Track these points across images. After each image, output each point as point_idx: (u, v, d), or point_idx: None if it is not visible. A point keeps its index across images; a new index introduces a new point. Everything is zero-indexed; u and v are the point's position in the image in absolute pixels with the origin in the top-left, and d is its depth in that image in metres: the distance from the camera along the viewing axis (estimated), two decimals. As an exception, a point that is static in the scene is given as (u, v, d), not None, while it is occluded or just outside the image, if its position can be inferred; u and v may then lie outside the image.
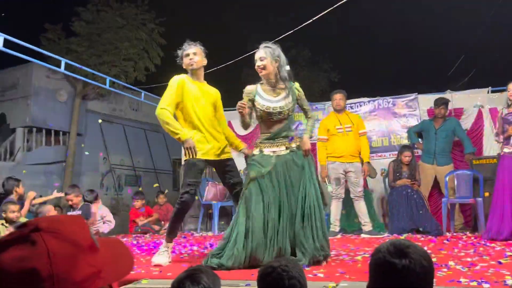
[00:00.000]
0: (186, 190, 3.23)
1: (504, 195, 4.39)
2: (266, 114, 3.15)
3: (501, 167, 4.52)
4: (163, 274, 2.74)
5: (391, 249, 1.15)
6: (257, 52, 3.22)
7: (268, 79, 3.21)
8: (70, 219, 0.77)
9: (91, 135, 11.65)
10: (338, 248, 3.92)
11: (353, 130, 5.26)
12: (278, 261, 1.54)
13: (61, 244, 0.70)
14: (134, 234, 6.21)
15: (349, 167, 5.19)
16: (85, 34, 9.99)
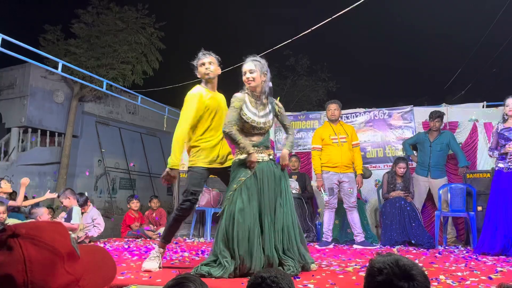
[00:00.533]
0: (188, 198, 3.22)
1: (498, 210, 4.39)
2: (249, 127, 3.18)
3: (496, 182, 4.53)
4: (153, 280, 2.72)
5: (396, 271, 1.12)
6: (246, 64, 3.23)
7: (254, 91, 3.23)
8: (50, 226, 0.77)
9: (87, 137, 11.62)
10: (329, 259, 3.91)
11: (347, 141, 5.28)
12: (268, 272, 1.53)
13: (39, 251, 0.69)
14: (126, 238, 6.18)
15: (343, 177, 5.19)
16: (84, 36, 10.01)
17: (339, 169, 5.19)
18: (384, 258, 1.19)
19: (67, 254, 0.74)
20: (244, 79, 3.22)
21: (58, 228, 0.77)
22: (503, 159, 4.47)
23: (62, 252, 0.73)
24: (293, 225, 3.12)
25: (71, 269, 0.73)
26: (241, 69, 3.26)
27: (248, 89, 3.23)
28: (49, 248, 0.71)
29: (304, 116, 7.21)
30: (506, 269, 3.33)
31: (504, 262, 3.79)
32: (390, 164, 6.09)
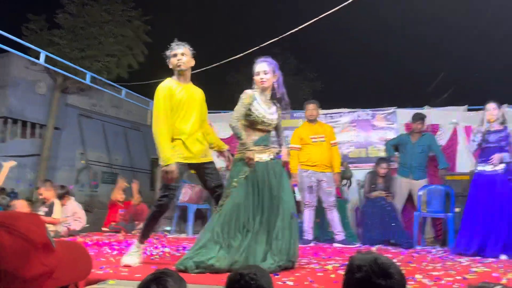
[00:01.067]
0: (165, 194, 3.21)
1: (476, 212, 4.48)
2: (260, 122, 3.26)
3: (475, 184, 4.60)
4: (131, 275, 2.71)
5: (375, 269, 1.15)
6: (259, 64, 3.34)
7: (265, 91, 3.33)
8: (27, 217, 0.76)
9: (69, 129, 11.45)
10: (309, 257, 3.94)
11: (326, 140, 5.33)
12: (248, 269, 1.54)
13: (14, 239, 0.69)
14: (106, 232, 6.12)
15: (321, 177, 5.24)
16: (68, 27, 9.85)
17: (318, 168, 5.24)
18: (364, 256, 1.22)
19: (42, 245, 0.74)
20: (258, 79, 3.32)
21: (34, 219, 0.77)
22: (482, 162, 4.56)
23: (37, 243, 0.72)
24: (291, 224, 3.15)
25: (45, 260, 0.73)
26: (254, 68, 3.35)
27: (259, 88, 3.32)
28: (24, 238, 0.71)
29: (289, 114, 7.23)
30: (480, 269, 3.41)
31: (479, 262, 3.88)
32: (373, 164, 6.16)
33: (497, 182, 4.42)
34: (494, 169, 4.46)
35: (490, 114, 4.54)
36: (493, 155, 4.44)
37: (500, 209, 4.35)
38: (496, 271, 3.33)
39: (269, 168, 3.22)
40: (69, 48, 9.66)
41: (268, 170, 3.20)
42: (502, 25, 8.73)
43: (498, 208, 4.36)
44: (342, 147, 6.64)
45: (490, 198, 4.41)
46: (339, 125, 6.79)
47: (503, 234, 4.28)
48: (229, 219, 3.03)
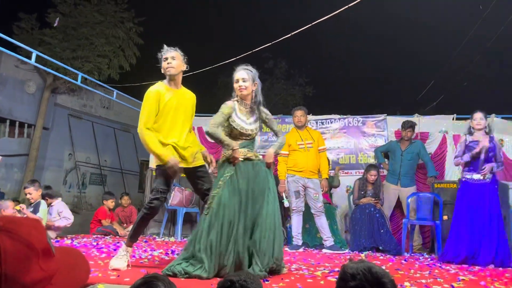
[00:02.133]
0: (156, 197, 3.20)
1: (465, 220, 4.53)
2: (237, 133, 3.25)
3: (461, 192, 4.67)
4: (121, 279, 2.68)
5: (368, 278, 1.16)
6: (238, 72, 3.30)
7: (244, 100, 3.31)
8: (28, 222, 0.77)
9: (58, 130, 11.32)
10: (299, 262, 3.95)
11: (314, 146, 5.36)
12: (238, 275, 1.55)
13: (15, 244, 0.69)
14: (95, 234, 6.06)
15: (308, 183, 5.27)
16: (60, 27, 9.75)
17: (304, 173, 5.26)
18: (357, 265, 1.22)
19: (42, 250, 0.74)
20: (236, 87, 3.29)
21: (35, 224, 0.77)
22: (470, 171, 4.62)
23: (37, 248, 0.72)
24: (275, 226, 3.13)
25: (45, 265, 0.73)
26: (233, 76, 3.31)
27: (238, 96, 3.30)
28: (25, 243, 0.71)
29: (280, 119, 7.26)
30: (468, 278, 3.45)
31: (467, 271, 3.92)
32: (362, 171, 6.21)
33: (485, 190, 4.50)
34: (481, 178, 4.53)
35: (477, 124, 4.61)
36: (484, 165, 4.50)
37: (489, 217, 4.42)
38: (484, 279, 3.37)
39: (254, 169, 3.20)
40: (60, 48, 9.57)
41: (252, 171, 3.18)
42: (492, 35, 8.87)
43: (487, 216, 4.42)
44: (332, 153, 6.68)
45: (478, 206, 4.47)
46: (329, 131, 6.83)
47: (494, 243, 4.34)
48: (216, 223, 3.01)
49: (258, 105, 3.34)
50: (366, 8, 9.86)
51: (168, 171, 3.15)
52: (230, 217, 3.03)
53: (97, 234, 6.09)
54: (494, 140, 4.66)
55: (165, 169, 3.21)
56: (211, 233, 2.99)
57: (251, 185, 3.14)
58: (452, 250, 4.52)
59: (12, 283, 0.68)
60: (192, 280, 2.79)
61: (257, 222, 3.08)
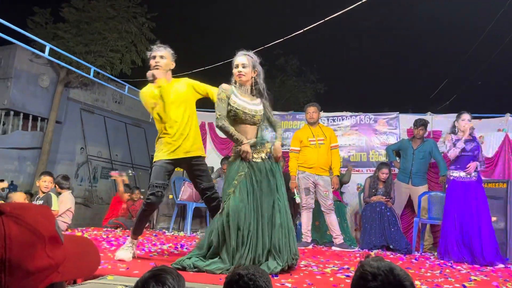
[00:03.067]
0: (152, 192, 3.23)
1: (452, 218, 4.59)
2: (241, 114, 3.12)
3: (449, 191, 4.73)
4: (130, 271, 2.70)
5: (391, 279, 1.11)
6: (238, 57, 3.22)
7: (244, 86, 3.23)
8: (36, 208, 0.76)
9: (70, 123, 11.43)
10: (308, 259, 3.93)
11: (325, 143, 5.31)
12: (247, 269, 1.53)
13: (21, 230, 0.69)
14: (106, 227, 6.11)
15: (318, 180, 5.23)
16: (73, 21, 9.83)
17: (315, 170, 5.23)
18: (378, 264, 1.17)
19: (49, 237, 0.73)
20: (235, 72, 3.20)
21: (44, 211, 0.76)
22: (457, 169, 4.64)
23: (44, 235, 0.72)
24: (288, 223, 3.12)
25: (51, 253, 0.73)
26: (233, 61, 3.24)
27: (236, 82, 3.22)
28: (31, 229, 0.70)
29: (291, 116, 7.23)
30: (479, 278, 3.40)
31: (478, 271, 3.87)
32: (373, 169, 6.16)
33: (471, 188, 4.56)
34: (468, 176, 4.58)
35: (464, 124, 4.65)
36: (469, 164, 4.57)
37: (477, 215, 4.46)
38: (496, 280, 3.32)
39: (265, 167, 3.15)
40: (73, 42, 9.65)
41: (264, 169, 3.14)
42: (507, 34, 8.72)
43: (475, 214, 4.47)
44: (343, 150, 6.64)
45: (465, 204, 4.53)
46: (340, 128, 6.78)
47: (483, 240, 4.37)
48: (232, 224, 2.97)
49: (260, 92, 3.25)
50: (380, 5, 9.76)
51: None
52: (246, 218, 2.98)
53: (108, 226, 6.14)
54: (477, 139, 4.75)
55: (157, 165, 3.28)
56: (227, 234, 2.97)
57: (265, 184, 3.11)
58: (444, 248, 4.60)
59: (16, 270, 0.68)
60: (201, 274, 2.79)
61: (274, 221, 3.06)
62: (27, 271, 0.69)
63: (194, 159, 3.37)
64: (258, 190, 3.08)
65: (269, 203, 3.08)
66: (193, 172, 3.39)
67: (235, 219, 2.97)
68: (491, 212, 4.92)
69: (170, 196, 6.58)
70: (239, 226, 2.96)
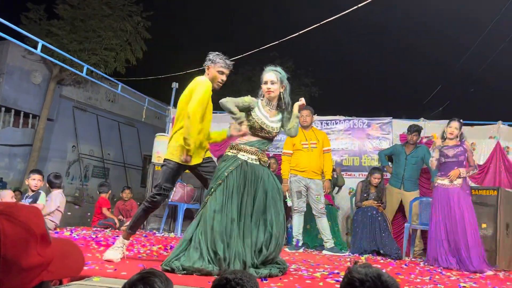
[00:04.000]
0: (159, 193, 3.23)
1: (437, 226, 4.63)
2: (258, 128, 3.22)
3: (435, 197, 4.77)
4: (117, 272, 2.66)
5: (378, 285, 1.11)
6: (267, 74, 3.30)
7: (271, 100, 3.31)
8: (27, 208, 0.78)
9: (62, 121, 11.35)
10: (298, 263, 3.91)
11: (318, 147, 5.31)
12: (234, 273, 1.52)
13: (14, 228, 0.70)
14: (95, 227, 6.05)
15: (310, 183, 5.23)
16: (68, 18, 9.77)
17: (307, 174, 5.23)
18: (366, 270, 1.17)
19: (40, 236, 0.74)
20: (265, 89, 3.29)
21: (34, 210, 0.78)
22: (442, 176, 4.69)
23: (36, 233, 0.73)
24: (278, 226, 3.09)
25: (42, 251, 0.74)
26: (262, 77, 3.33)
27: (264, 96, 3.31)
28: (24, 227, 0.71)
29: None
30: (469, 285, 3.41)
31: (468, 277, 3.88)
32: (366, 173, 6.16)
33: (456, 195, 4.58)
34: (452, 183, 4.61)
35: (451, 133, 4.69)
36: (450, 171, 4.61)
37: (462, 222, 4.49)
38: (485, 287, 3.33)
39: (256, 169, 3.15)
40: (67, 39, 9.59)
41: (255, 172, 3.14)
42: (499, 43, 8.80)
43: (459, 221, 4.50)
44: (336, 154, 6.64)
45: (450, 211, 4.57)
46: (334, 132, 6.79)
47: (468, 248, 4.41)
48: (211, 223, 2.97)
49: (285, 107, 3.35)
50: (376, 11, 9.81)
51: None
52: (233, 214, 2.99)
53: (98, 227, 6.08)
54: (464, 144, 4.76)
55: (171, 167, 3.23)
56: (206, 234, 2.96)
57: (252, 186, 3.10)
58: (432, 254, 4.64)
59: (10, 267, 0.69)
60: (190, 276, 2.76)
61: (262, 223, 3.05)
62: (21, 268, 0.70)
63: (203, 162, 3.38)
64: (241, 191, 3.07)
65: (253, 204, 3.07)
66: (204, 170, 3.37)
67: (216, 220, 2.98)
68: (481, 219, 4.97)
69: (162, 197, 6.54)
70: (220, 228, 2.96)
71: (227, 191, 3.06)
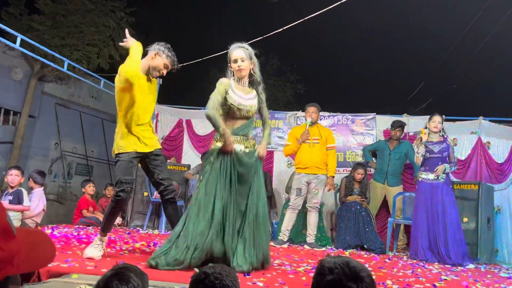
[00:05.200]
0: (122, 188, 3.13)
1: (420, 220, 4.71)
2: (236, 110, 3.15)
3: (418, 192, 4.86)
4: (98, 269, 2.62)
5: (346, 272, 1.15)
6: (235, 51, 3.21)
7: (242, 78, 3.24)
8: None
9: (44, 118, 11.15)
10: (282, 258, 3.92)
11: (320, 142, 5.30)
12: (213, 268, 1.50)
13: None
14: (77, 225, 5.96)
15: (312, 179, 5.23)
16: (49, 13, 9.58)
17: (310, 170, 5.23)
18: (335, 259, 1.22)
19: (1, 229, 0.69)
20: (235, 67, 3.20)
21: None
22: (426, 171, 4.76)
23: None
24: (262, 221, 3.08)
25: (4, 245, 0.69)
26: (229, 55, 3.23)
27: (234, 75, 3.23)
28: None
29: (270, 115, 7.20)
30: (450, 278, 3.45)
31: (449, 271, 3.93)
32: (350, 169, 6.19)
33: (439, 190, 4.68)
34: (436, 178, 4.70)
35: (435, 126, 4.76)
36: (437, 166, 4.69)
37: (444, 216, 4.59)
38: (466, 280, 3.37)
39: (243, 160, 3.11)
40: (49, 35, 9.40)
41: (241, 162, 3.10)
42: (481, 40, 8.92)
43: (441, 216, 4.59)
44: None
45: (433, 205, 4.66)
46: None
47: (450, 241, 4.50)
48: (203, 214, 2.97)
49: (257, 84, 3.28)
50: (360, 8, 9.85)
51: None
52: (218, 208, 2.98)
53: (80, 225, 5.99)
54: (447, 140, 4.85)
55: (125, 159, 3.17)
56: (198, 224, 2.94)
57: (238, 178, 3.08)
58: (414, 248, 4.72)
59: None
60: (170, 272, 2.74)
61: (248, 217, 3.04)
62: None
63: (154, 153, 3.32)
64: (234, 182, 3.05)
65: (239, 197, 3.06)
66: (153, 162, 3.30)
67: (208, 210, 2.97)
68: (463, 213, 5.04)
69: (145, 193, 6.48)
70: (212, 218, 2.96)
71: (209, 185, 3.03)
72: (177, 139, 7.36)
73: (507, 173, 5.93)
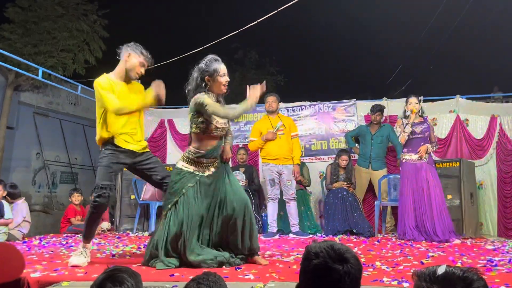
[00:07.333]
0: (99, 193, 3.09)
1: (406, 200, 4.81)
2: (214, 129, 3.03)
3: (402, 173, 4.95)
4: (88, 276, 2.61)
5: (331, 254, 1.18)
6: (222, 65, 3.10)
7: (220, 94, 3.15)
8: None
9: (23, 128, 10.95)
10: (273, 249, 3.95)
11: (285, 132, 5.33)
12: (205, 276, 1.54)
13: None
14: (65, 234, 5.90)
15: (282, 169, 5.26)
16: (20, 21, 9.38)
17: (279, 161, 5.25)
18: (320, 244, 1.25)
19: None
20: (223, 81, 3.07)
21: None
22: (409, 152, 4.86)
23: None
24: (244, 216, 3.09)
25: None
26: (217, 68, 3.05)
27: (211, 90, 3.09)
28: None
29: (251, 108, 7.21)
30: (437, 254, 3.53)
31: (436, 247, 4.02)
32: (334, 156, 6.25)
33: (423, 169, 4.77)
34: (419, 158, 4.80)
35: (413, 107, 4.85)
36: (420, 147, 4.79)
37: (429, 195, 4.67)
38: (452, 255, 3.45)
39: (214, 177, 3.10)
40: (21, 43, 9.21)
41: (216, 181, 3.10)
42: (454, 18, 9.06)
43: (427, 194, 4.69)
44: (304, 139, 6.69)
45: (417, 185, 4.75)
46: (300, 118, 6.83)
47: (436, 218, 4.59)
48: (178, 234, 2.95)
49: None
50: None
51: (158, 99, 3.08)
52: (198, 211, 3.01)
53: (67, 233, 5.93)
54: (427, 121, 4.96)
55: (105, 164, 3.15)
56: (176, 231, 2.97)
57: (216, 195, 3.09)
58: (401, 228, 4.82)
59: None
60: (160, 271, 2.75)
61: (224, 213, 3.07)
62: None
63: (147, 159, 3.30)
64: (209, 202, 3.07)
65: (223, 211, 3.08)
66: (144, 167, 3.28)
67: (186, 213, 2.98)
68: (446, 191, 5.15)
69: (132, 196, 6.44)
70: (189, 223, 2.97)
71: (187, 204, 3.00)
72: (160, 140, 7.33)
73: (486, 148, 6.05)
